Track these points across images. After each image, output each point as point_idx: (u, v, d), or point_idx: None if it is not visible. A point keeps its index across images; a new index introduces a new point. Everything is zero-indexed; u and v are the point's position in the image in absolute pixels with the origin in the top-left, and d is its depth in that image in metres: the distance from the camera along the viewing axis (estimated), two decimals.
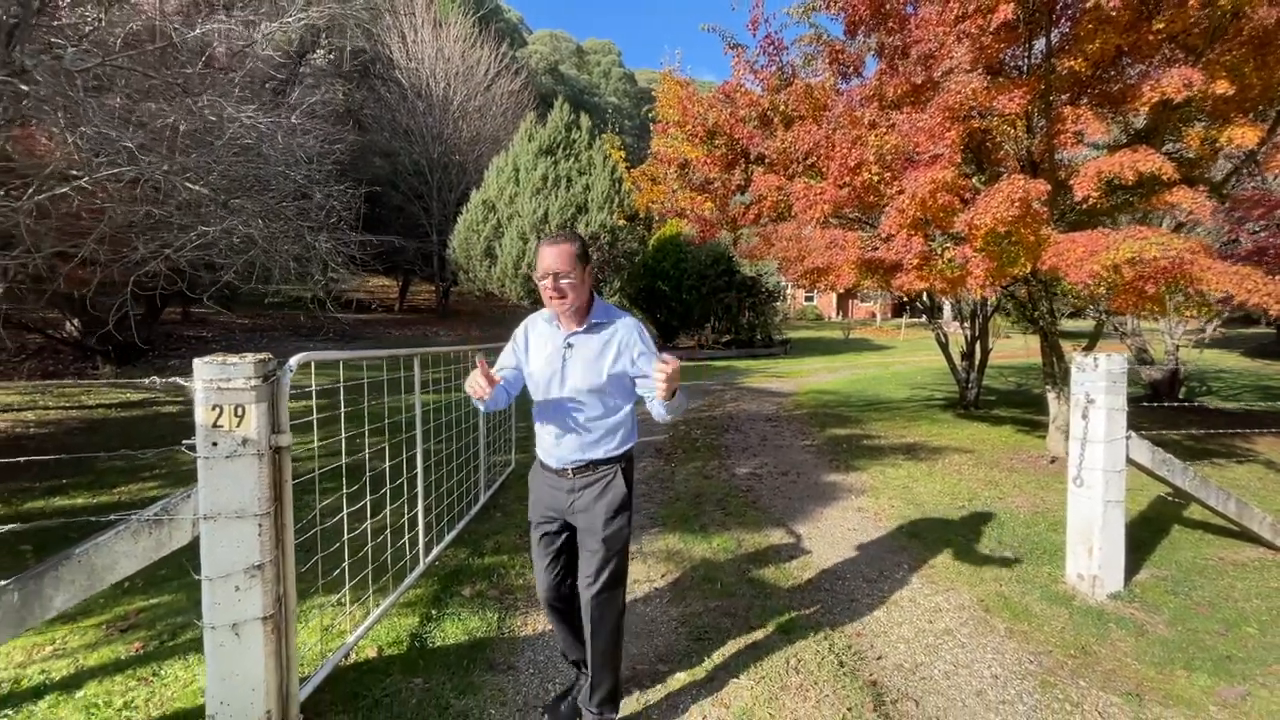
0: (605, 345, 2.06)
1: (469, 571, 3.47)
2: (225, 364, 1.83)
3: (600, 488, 2.09)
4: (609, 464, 2.11)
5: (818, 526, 4.40)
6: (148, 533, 1.82)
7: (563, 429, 2.09)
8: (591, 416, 2.08)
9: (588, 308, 2.09)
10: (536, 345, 2.15)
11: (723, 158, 6.83)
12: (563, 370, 2.07)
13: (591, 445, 2.09)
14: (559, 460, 2.11)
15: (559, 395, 2.07)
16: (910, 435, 7.70)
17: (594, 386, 2.05)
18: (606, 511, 2.08)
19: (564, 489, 2.11)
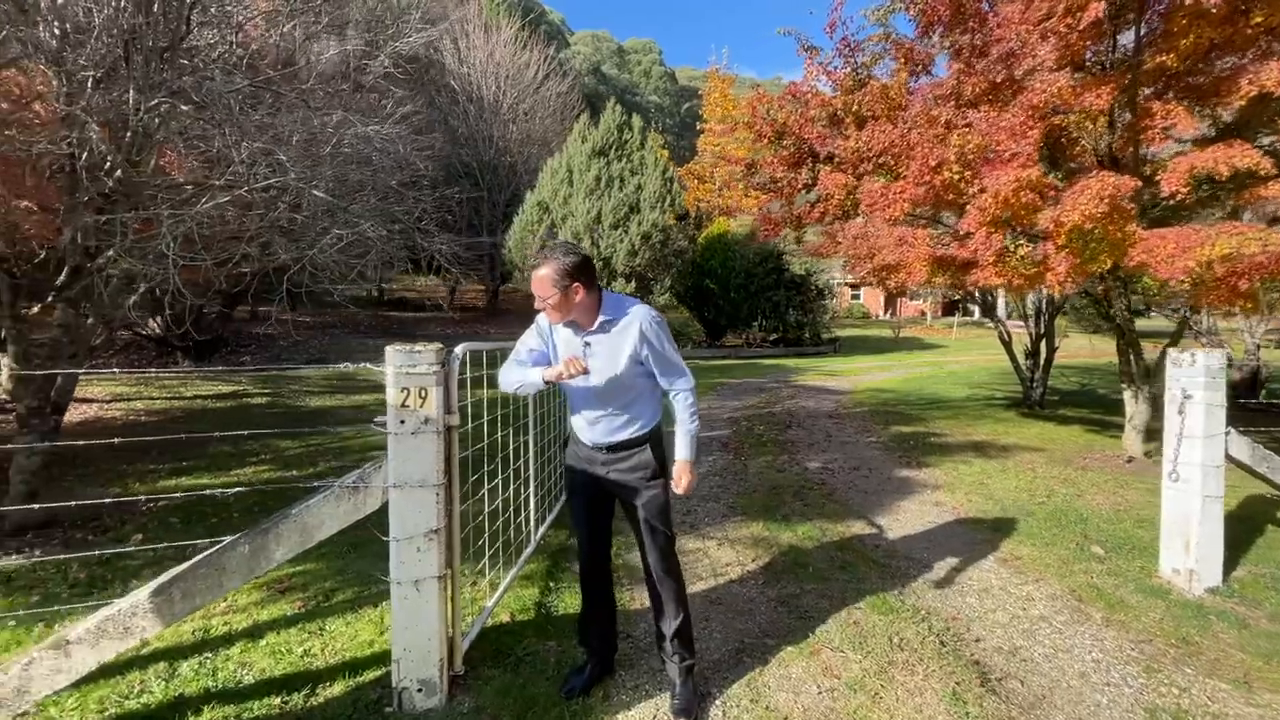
0: (619, 341, 2.20)
1: (572, 551, 3.71)
2: (412, 351, 2.09)
3: (632, 462, 2.29)
4: (638, 443, 2.30)
5: (897, 518, 4.50)
6: (347, 498, 2.09)
7: (593, 416, 2.29)
8: (617, 405, 2.27)
9: (596, 307, 2.21)
10: (561, 340, 2.31)
11: (789, 157, 6.95)
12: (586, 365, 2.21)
13: (620, 429, 2.29)
14: (592, 441, 2.32)
15: (585, 387, 2.25)
16: (976, 433, 7.66)
17: (614, 379, 2.21)
18: (640, 482, 2.29)
19: (598, 462, 2.32)
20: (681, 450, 2.33)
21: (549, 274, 2.11)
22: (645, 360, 2.24)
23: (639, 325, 2.20)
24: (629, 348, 2.20)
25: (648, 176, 15.62)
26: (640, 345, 2.20)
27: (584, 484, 2.39)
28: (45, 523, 3.95)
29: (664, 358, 2.26)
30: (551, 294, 2.12)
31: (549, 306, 2.14)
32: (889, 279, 6.41)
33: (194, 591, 1.95)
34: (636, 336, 2.19)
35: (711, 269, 18.33)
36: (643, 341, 2.20)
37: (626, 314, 2.22)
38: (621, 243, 15.19)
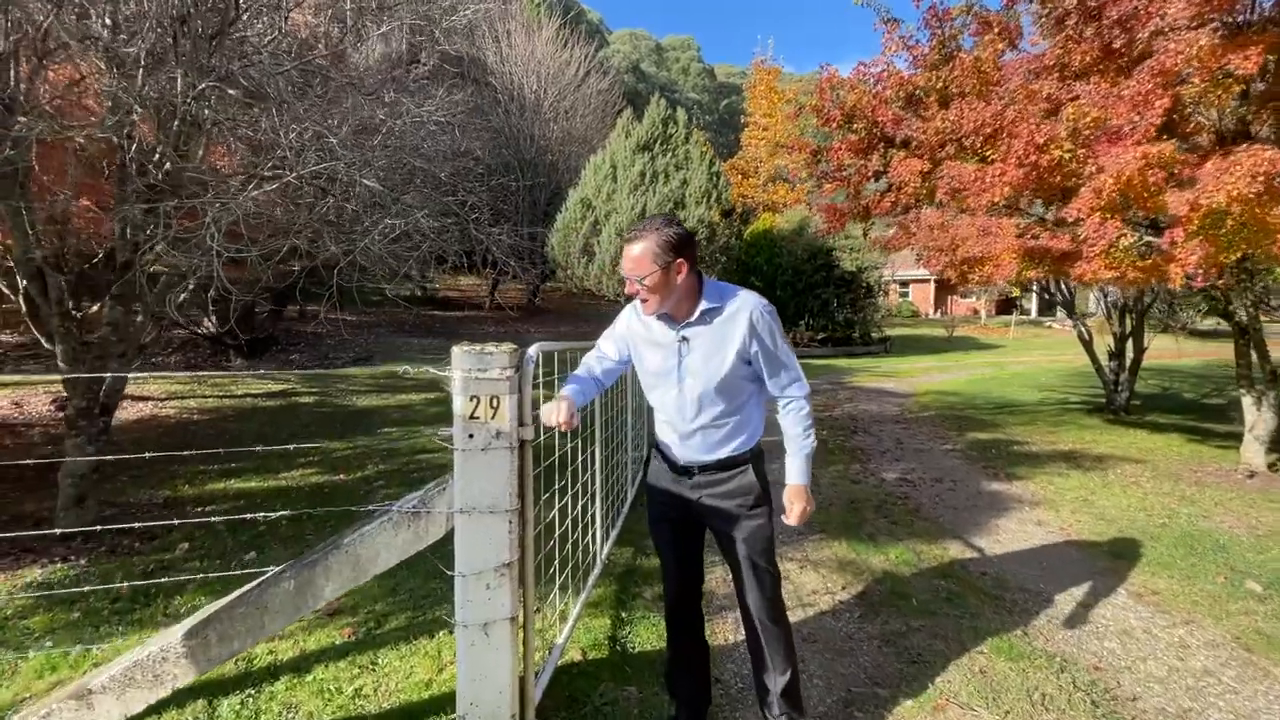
0: (724, 334, 1.82)
1: (642, 573, 3.36)
2: (483, 353, 1.76)
3: (731, 485, 1.91)
4: (738, 462, 1.91)
5: (998, 540, 4.00)
6: (406, 525, 1.78)
7: (686, 428, 1.90)
8: (716, 415, 1.88)
9: (697, 292, 1.84)
10: (646, 337, 1.94)
11: (858, 142, 6.45)
12: (680, 367, 1.87)
13: (718, 444, 1.90)
14: (683, 459, 1.94)
15: (678, 392, 1.88)
16: (1062, 442, 7.02)
17: (716, 382, 1.83)
18: (741, 510, 1.90)
19: (689, 484, 1.95)
20: (796, 473, 1.94)
21: (649, 247, 1.75)
22: (754, 358, 1.85)
23: (748, 316, 1.81)
24: (736, 343, 1.82)
25: (693, 171, 15.19)
26: (749, 340, 1.82)
27: (671, 510, 2.02)
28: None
29: (776, 357, 1.87)
30: (650, 271, 1.75)
31: (645, 288, 1.78)
32: (972, 273, 5.87)
33: (232, 634, 1.66)
34: (745, 329, 1.81)
35: (757, 266, 17.79)
36: (752, 336, 1.82)
37: (733, 302, 1.84)
38: None
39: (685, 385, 1.86)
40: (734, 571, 2.00)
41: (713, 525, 1.98)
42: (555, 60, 26.38)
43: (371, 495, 4.72)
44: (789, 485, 1.95)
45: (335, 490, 4.84)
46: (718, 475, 1.92)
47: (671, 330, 1.87)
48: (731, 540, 1.94)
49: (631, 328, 1.99)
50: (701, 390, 1.85)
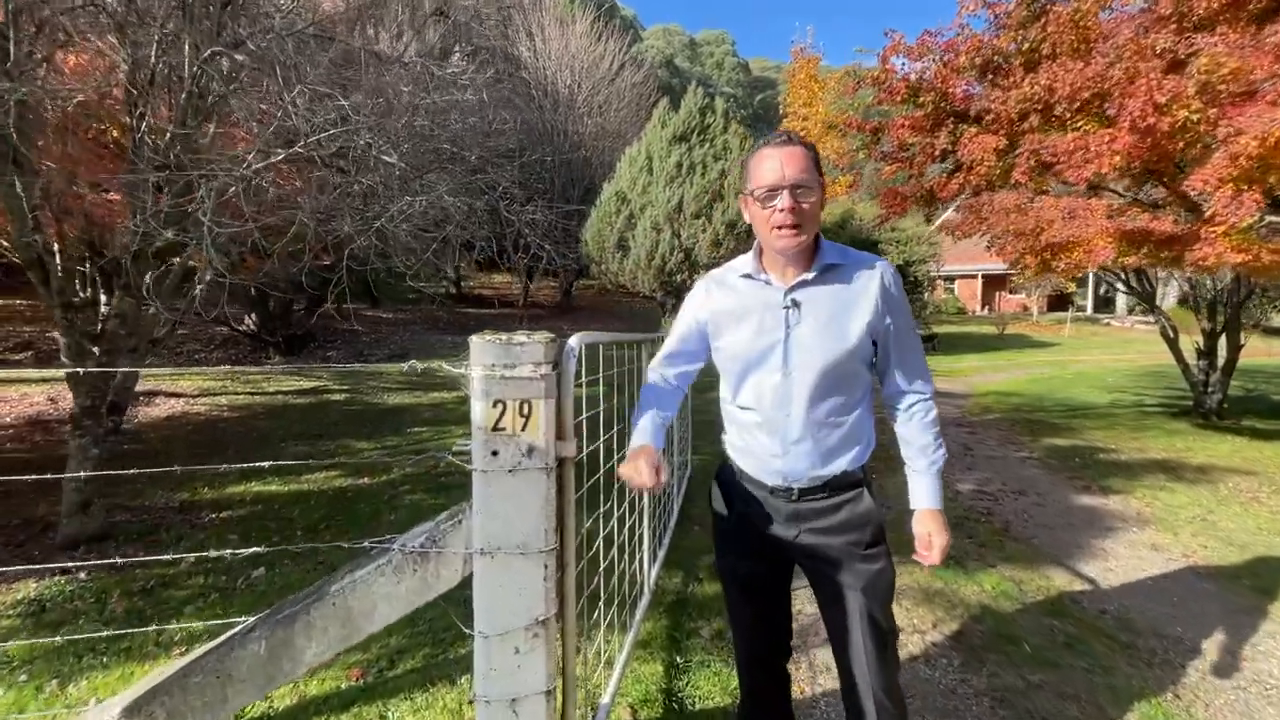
0: (846, 300, 1.38)
1: (695, 602, 2.90)
2: (511, 344, 1.32)
3: (843, 515, 1.42)
4: (853, 482, 1.44)
5: (1109, 568, 3.42)
6: (411, 569, 1.36)
7: (790, 430, 1.40)
8: (833, 409, 1.39)
9: (814, 247, 1.40)
10: (735, 307, 1.45)
11: (925, 118, 5.86)
12: (787, 341, 1.38)
13: (832, 452, 1.41)
14: (783, 475, 1.43)
15: (782, 378, 1.39)
16: (1151, 449, 6.29)
17: (837, 360, 1.36)
18: (854, 547, 1.41)
19: (784, 515, 1.45)
20: (928, 494, 1.46)
21: (810, 153, 1.34)
22: (883, 336, 1.41)
23: (880, 279, 1.39)
24: (865, 312, 1.37)
25: (732, 162, 14.60)
26: (882, 310, 1.38)
27: (754, 550, 1.52)
28: (99, 535, 3.54)
29: (909, 338, 1.45)
30: (814, 181, 1.32)
31: (800, 205, 1.30)
32: (1057, 260, 5.24)
33: (185, 711, 1.27)
34: (877, 295, 1.38)
35: None
36: (886, 305, 1.39)
37: (857, 259, 1.41)
38: (704, 232, 14.27)
39: (794, 366, 1.38)
40: (837, 632, 1.48)
41: (813, 570, 1.50)
42: (589, 54, 26.07)
43: (396, 500, 4.38)
44: (922, 511, 1.46)
45: (359, 495, 4.52)
46: (826, 500, 1.43)
47: (774, 293, 1.40)
48: (839, 590, 1.45)
49: (712, 300, 1.50)
50: (817, 373, 1.37)
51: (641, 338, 2.70)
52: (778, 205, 1.31)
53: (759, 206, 1.35)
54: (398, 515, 4.04)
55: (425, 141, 3.86)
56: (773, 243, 1.35)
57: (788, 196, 1.30)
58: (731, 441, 1.55)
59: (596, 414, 1.98)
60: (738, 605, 1.62)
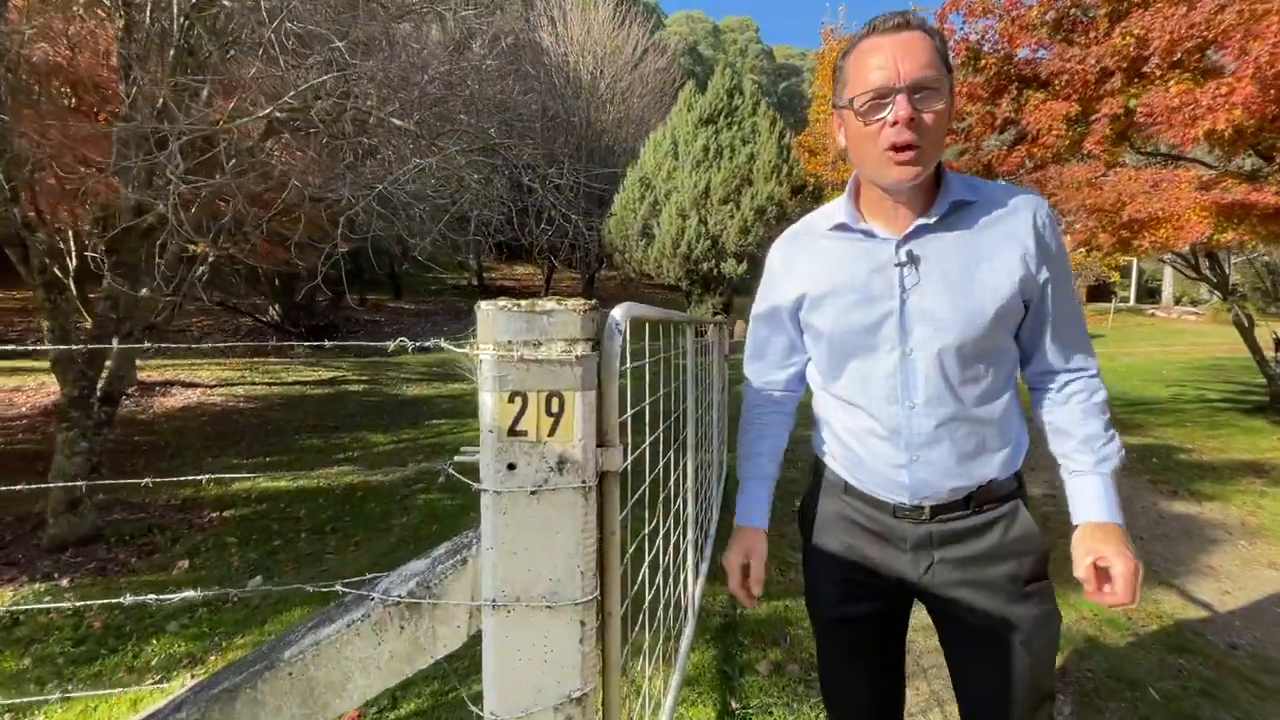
0: (988, 245, 0.98)
1: (745, 628, 2.50)
2: (535, 313, 0.93)
3: (995, 536, 1.03)
4: (1005, 493, 1.05)
5: (1224, 590, 2.94)
6: (397, 626, 0.98)
7: (915, 429, 1.02)
8: (973, 398, 1.01)
9: (935, 180, 1.00)
10: (828, 271, 1.06)
11: (985, 84, 5.33)
12: (902, 311, 1.00)
13: (973, 458, 1.02)
14: (909, 490, 1.04)
15: (899, 361, 1.01)
16: (1233, 449, 5.71)
17: (976, 332, 0.98)
18: (1019, 583, 1.02)
19: (910, 542, 1.06)
20: (1103, 504, 1.02)
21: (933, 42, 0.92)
22: (1041, 292, 1.00)
23: (1033, 220, 0.98)
24: (1014, 264, 0.98)
25: (761, 144, 14.05)
26: (1036, 258, 0.98)
27: (862, 593, 1.11)
28: (90, 537, 3.27)
29: (1068, 300, 1.02)
30: (940, 75, 0.91)
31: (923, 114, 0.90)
32: (1138, 239, 4.70)
33: None
34: (1030, 239, 0.98)
35: None
36: (1041, 253, 0.98)
37: (996, 194, 1.01)
38: (732, 219, 13.76)
39: (914, 343, 1.00)
40: (976, 694, 1.07)
41: (948, 615, 1.08)
42: (611, 40, 25.59)
43: (409, 500, 4.05)
44: (1090, 526, 1.01)
45: (370, 493, 4.20)
46: (970, 520, 1.03)
47: (882, 247, 1.01)
48: (986, 641, 1.04)
49: (791, 264, 1.11)
50: (949, 351, 0.98)
51: (685, 318, 2.29)
52: (888, 117, 0.91)
53: (860, 122, 0.95)
54: (409, 517, 3.71)
55: (438, 106, 3.51)
56: (882, 174, 0.96)
57: (905, 103, 0.89)
58: (828, 449, 1.15)
59: (640, 410, 1.59)
60: (835, 661, 1.21)
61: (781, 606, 2.69)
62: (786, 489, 4.45)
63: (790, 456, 4.10)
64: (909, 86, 0.90)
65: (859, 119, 0.95)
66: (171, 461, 5.11)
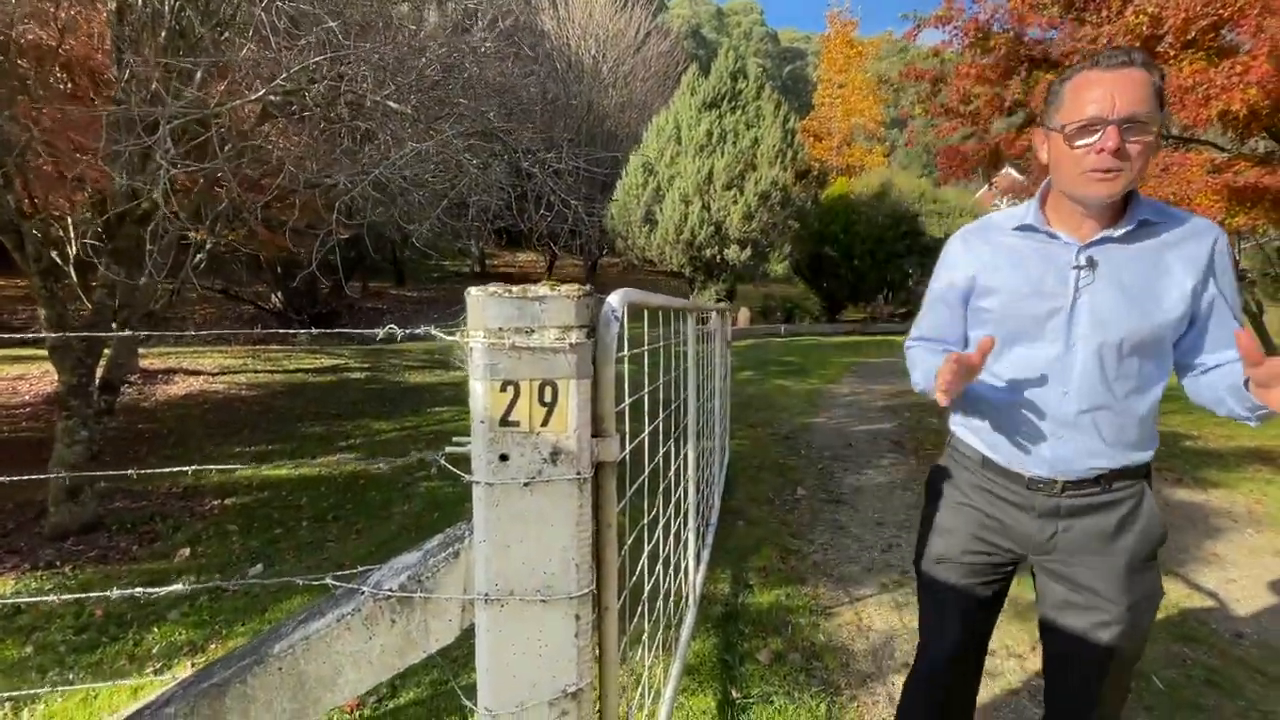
0: (1165, 262, 1.11)
1: (747, 617, 2.49)
2: (526, 299, 0.90)
3: (1119, 516, 1.17)
4: (1135, 477, 1.18)
5: (1230, 578, 2.92)
6: (388, 620, 0.96)
7: (1063, 410, 1.15)
8: (1124, 392, 1.13)
9: (1125, 198, 1.10)
10: (1010, 265, 1.19)
11: (995, 65, 5.23)
12: (1072, 309, 1.13)
13: (1115, 444, 1.15)
14: (1049, 465, 1.17)
15: (1063, 351, 1.15)
16: (1239, 436, 5.66)
17: (1140, 336, 1.11)
18: (1135, 558, 1.17)
19: (1037, 510, 1.20)
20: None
21: (1153, 79, 1.04)
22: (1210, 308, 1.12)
23: (1212, 242, 1.11)
24: (1187, 279, 1.10)
25: (765, 129, 13.89)
26: (1207, 277, 1.11)
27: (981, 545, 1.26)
28: (90, 525, 3.27)
29: (1232, 308, 1.14)
30: (1153, 112, 1.02)
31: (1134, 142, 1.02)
32: None
33: None
34: (1205, 260, 1.10)
35: (833, 234, 16.36)
36: (1213, 277, 1.11)
37: (1179, 217, 1.13)
38: (736, 204, 13.64)
39: (1077, 336, 1.14)
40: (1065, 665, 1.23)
41: (1062, 578, 1.21)
42: (613, 23, 25.24)
43: (411, 488, 4.05)
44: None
45: (371, 481, 4.20)
46: (1098, 498, 1.17)
47: (1064, 250, 1.15)
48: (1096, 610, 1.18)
49: (977, 252, 1.24)
50: (1111, 349, 1.12)
51: (686, 305, 2.25)
52: (1095, 145, 1.03)
53: (1066, 145, 1.07)
54: (411, 505, 3.71)
55: (435, 90, 3.44)
56: (1081, 190, 1.08)
57: (1114, 134, 1.01)
58: (971, 423, 1.29)
59: (639, 398, 1.56)
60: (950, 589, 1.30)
61: (783, 595, 2.68)
62: (786, 475, 4.45)
63: (792, 444, 4.07)
64: (1120, 120, 1.01)
65: (1066, 142, 1.06)
66: (174, 449, 5.12)
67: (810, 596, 2.70)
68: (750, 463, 4.74)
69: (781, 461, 4.79)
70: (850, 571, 2.98)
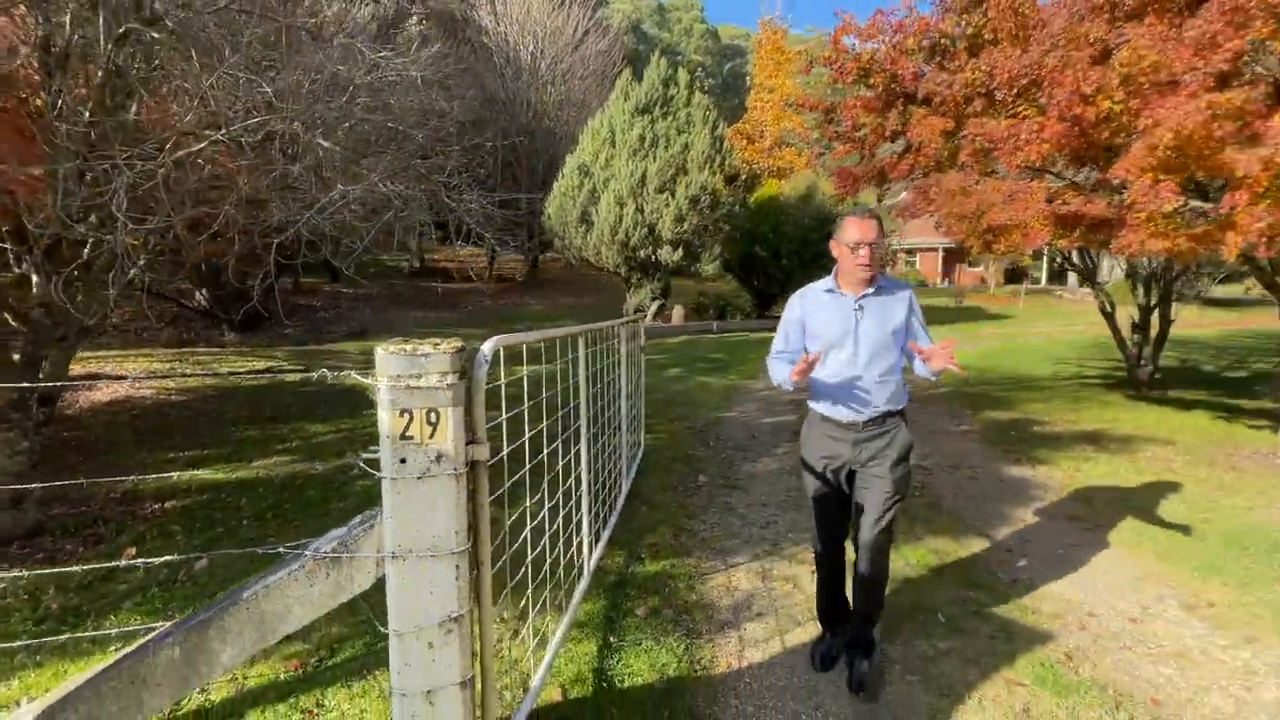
0: (891, 307, 2.24)
1: (634, 583, 3.02)
2: (415, 355, 1.36)
3: (889, 436, 2.25)
4: (896, 415, 2.28)
5: (1028, 540, 3.65)
6: (324, 574, 1.41)
7: (855, 384, 2.22)
8: (881, 371, 2.22)
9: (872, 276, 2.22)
10: (818, 312, 2.28)
11: (875, 99, 5.92)
12: (856, 330, 2.21)
13: (884, 400, 2.23)
14: (850, 414, 2.24)
15: (853, 355, 2.22)
16: (1084, 421, 6.64)
17: (883, 343, 2.21)
18: (898, 455, 2.24)
19: (850, 440, 2.26)
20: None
21: (878, 224, 2.17)
22: (911, 325, 2.26)
23: (910, 296, 2.28)
24: (904, 313, 2.24)
25: (695, 134, 14.51)
26: (911, 312, 2.26)
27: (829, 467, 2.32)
28: (33, 531, 3.48)
29: (923, 329, 2.31)
30: (880, 238, 2.15)
31: (872, 251, 2.14)
32: (997, 242, 5.41)
33: (98, 717, 1.30)
34: (908, 304, 2.26)
35: (763, 235, 17.18)
36: (912, 310, 2.27)
37: (897, 289, 2.28)
38: (668, 207, 14.22)
39: (859, 344, 2.22)
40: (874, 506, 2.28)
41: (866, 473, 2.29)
42: (552, 19, 25.29)
43: (346, 487, 4.38)
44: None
45: (309, 481, 4.50)
46: (881, 428, 2.25)
47: (847, 302, 2.23)
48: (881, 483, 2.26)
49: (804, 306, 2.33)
50: (871, 349, 2.22)
51: (578, 330, 2.73)
52: (860, 255, 2.14)
53: (847, 250, 2.16)
54: (347, 502, 4.05)
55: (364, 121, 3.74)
56: (853, 273, 2.19)
57: (867, 252, 2.13)
58: (815, 397, 2.34)
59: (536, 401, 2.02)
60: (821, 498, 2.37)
61: (669, 565, 3.21)
62: (692, 465, 5.02)
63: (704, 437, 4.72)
64: (869, 242, 2.12)
65: (847, 249, 2.16)
66: (107, 456, 5.23)
67: (692, 566, 3.25)
68: (664, 455, 5.28)
69: (691, 453, 5.36)
70: (730, 545, 3.54)
